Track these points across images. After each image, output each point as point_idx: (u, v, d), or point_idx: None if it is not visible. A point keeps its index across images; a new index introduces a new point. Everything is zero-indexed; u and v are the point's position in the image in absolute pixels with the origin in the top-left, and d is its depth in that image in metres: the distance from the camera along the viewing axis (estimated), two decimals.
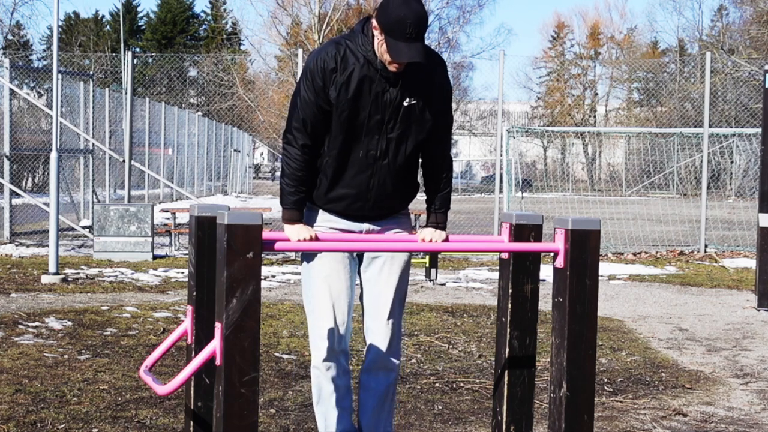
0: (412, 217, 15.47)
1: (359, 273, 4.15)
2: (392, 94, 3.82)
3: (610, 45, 65.46)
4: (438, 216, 4.07)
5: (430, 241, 3.97)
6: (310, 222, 4.02)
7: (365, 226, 4.04)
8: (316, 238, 3.79)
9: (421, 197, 4.26)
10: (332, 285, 4.00)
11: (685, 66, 45.65)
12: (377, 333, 4.09)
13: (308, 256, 4.07)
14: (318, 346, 4.02)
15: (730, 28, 53.40)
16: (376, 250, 4.00)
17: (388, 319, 4.08)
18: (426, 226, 4.08)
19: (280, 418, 5.29)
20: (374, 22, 3.72)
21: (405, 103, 3.83)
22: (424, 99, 3.87)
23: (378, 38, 3.72)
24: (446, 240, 4.01)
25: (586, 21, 66.85)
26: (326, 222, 4.04)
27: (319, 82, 3.79)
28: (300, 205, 3.92)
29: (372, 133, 3.86)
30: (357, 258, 4.12)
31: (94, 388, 5.82)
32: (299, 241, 3.74)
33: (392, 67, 3.76)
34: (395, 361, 4.13)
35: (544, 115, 58.97)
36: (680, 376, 6.71)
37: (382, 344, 4.09)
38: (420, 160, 4.08)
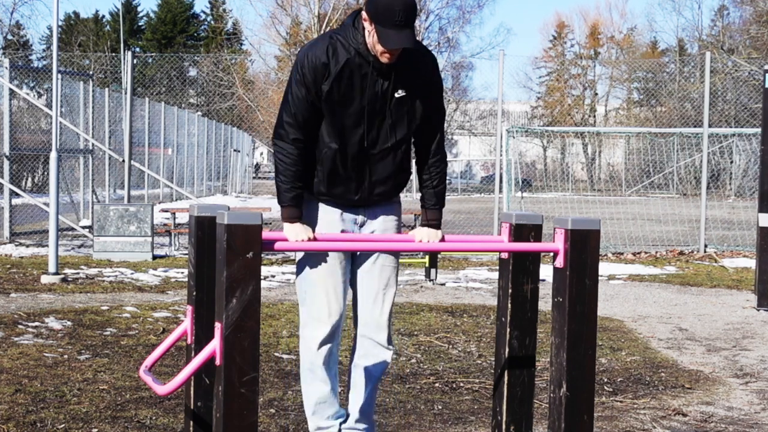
0: (411, 216, 15.47)
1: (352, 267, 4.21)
2: (383, 85, 3.89)
3: (610, 45, 65.45)
4: (432, 213, 4.10)
5: (427, 241, 3.98)
6: (310, 214, 4.05)
7: (360, 217, 4.10)
8: (315, 239, 3.80)
9: (416, 196, 4.31)
10: (330, 280, 4.06)
11: (685, 66, 45.62)
12: (373, 323, 4.15)
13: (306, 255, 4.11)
14: (314, 335, 4.07)
15: (730, 28, 53.41)
16: (375, 249, 4.01)
17: (383, 309, 4.15)
18: (420, 225, 4.10)
19: (280, 418, 5.29)
20: (364, 14, 3.79)
21: (396, 95, 3.91)
22: (415, 91, 3.95)
23: (368, 29, 3.79)
24: (442, 239, 4.02)
25: (587, 21, 66.88)
26: (324, 215, 4.08)
27: (310, 77, 3.85)
28: (298, 202, 3.95)
29: (364, 123, 3.92)
30: (351, 256, 4.17)
31: (93, 388, 5.82)
32: (297, 242, 3.76)
33: (384, 58, 3.81)
34: (390, 349, 4.19)
35: (544, 115, 58.94)
36: (680, 376, 6.71)
37: (378, 334, 4.15)
38: (414, 153, 4.15)
